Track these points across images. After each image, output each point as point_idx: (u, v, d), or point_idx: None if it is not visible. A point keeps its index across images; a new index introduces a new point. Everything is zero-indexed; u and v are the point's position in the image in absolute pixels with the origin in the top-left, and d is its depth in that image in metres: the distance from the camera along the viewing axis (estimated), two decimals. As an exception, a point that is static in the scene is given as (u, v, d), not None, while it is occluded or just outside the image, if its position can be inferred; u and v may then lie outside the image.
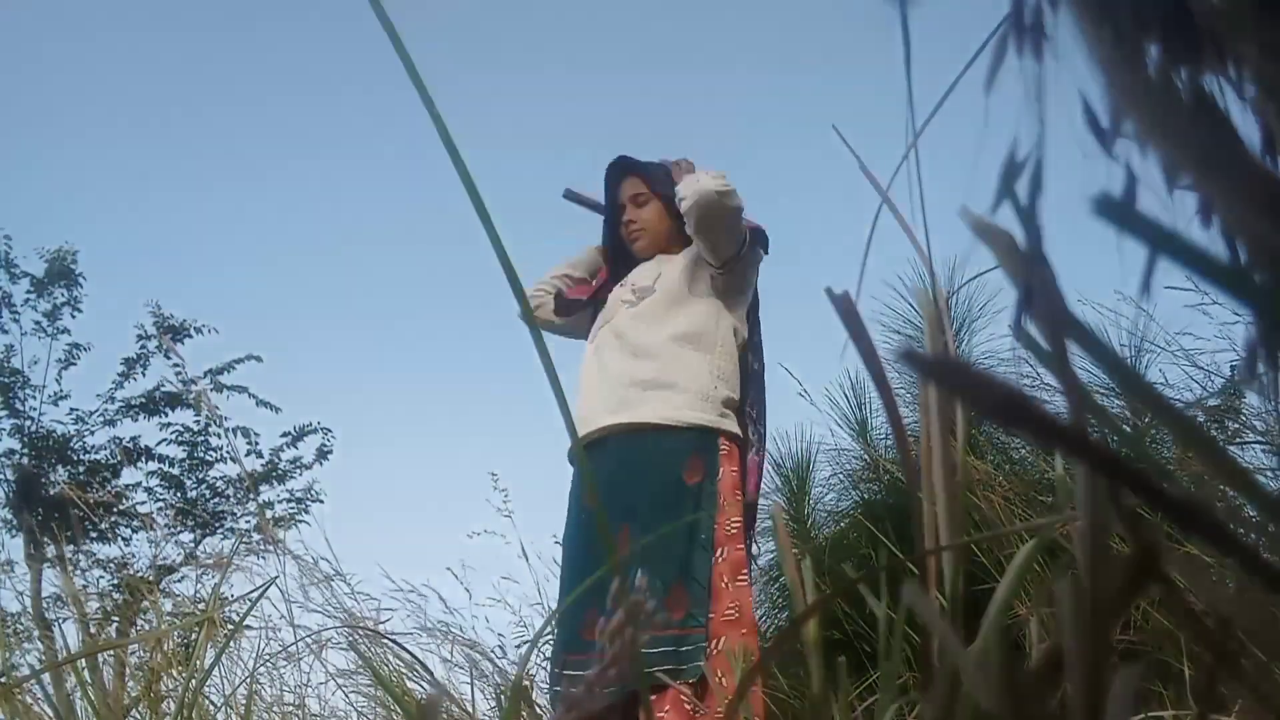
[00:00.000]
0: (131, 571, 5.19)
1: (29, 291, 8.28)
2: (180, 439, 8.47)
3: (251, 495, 8.37)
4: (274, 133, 12.59)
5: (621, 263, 2.29)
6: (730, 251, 2.03)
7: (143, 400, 8.38)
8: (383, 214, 12.76)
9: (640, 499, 1.86)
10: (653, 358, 2.00)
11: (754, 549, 2.24)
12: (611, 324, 2.12)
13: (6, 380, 8.15)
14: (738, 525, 1.89)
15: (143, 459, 8.34)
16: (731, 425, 2.00)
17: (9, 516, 7.84)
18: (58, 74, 11.62)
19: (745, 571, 1.88)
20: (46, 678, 1.18)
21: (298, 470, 8.72)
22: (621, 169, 2.26)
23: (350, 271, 13.02)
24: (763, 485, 3.52)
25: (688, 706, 1.69)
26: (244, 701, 1.73)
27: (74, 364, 8.37)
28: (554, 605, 2.79)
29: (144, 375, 8.41)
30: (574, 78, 13.87)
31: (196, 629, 1.75)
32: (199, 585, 4.62)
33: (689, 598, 1.76)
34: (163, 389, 8.29)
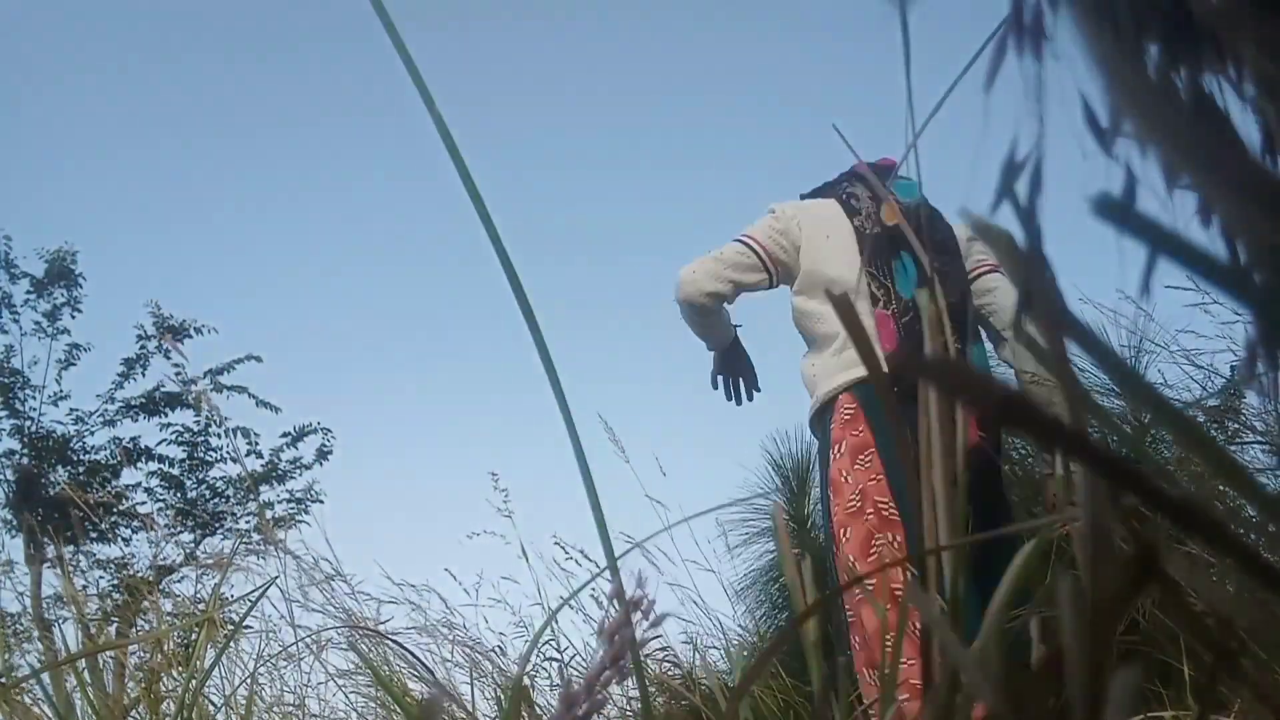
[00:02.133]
0: (131, 572, 5.19)
1: (29, 292, 8.28)
2: (180, 439, 8.47)
3: (251, 495, 8.38)
4: (274, 132, 12.61)
5: None
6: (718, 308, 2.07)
7: (143, 400, 8.38)
8: (382, 213, 12.78)
9: None
10: None
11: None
12: None
13: (6, 380, 8.14)
14: (851, 410, 1.86)
15: (143, 459, 8.34)
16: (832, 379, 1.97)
17: (9, 516, 7.84)
18: (58, 75, 11.64)
19: (867, 454, 1.83)
20: (46, 678, 1.18)
21: (297, 470, 8.72)
22: None
23: (350, 271, 13.04)
24: (762, 485, 3.51)
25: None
26: (244, 702, 1.73)
27: (74, 364, 8.37)
28: (554, 606, 2.78)
29: (144, 375, 8.42)
30: (575, 86, 13.88)
31: (196, 629, 1.75)
32: (199, 585, 4.62)
33: None
34: (163, 389, 8.29)
